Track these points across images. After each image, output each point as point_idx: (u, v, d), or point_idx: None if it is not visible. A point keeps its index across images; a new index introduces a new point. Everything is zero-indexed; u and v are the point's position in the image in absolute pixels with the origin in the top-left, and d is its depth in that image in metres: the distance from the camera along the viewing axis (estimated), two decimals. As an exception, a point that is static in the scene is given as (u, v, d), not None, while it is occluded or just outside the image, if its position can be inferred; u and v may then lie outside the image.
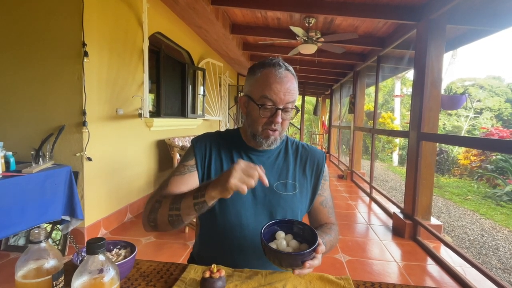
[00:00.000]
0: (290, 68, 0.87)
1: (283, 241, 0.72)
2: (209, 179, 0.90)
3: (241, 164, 0.67)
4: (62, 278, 0.58)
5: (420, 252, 2.64)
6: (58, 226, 2.19)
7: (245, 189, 0.65)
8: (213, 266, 0.68)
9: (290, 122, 0.95)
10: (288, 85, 0.83)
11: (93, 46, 2.35)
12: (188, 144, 4.02)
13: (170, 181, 0.87)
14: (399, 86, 13.73)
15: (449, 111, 15.40)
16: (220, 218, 0.89)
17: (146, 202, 0.85)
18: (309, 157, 0.98)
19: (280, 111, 0.83)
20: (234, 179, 0.64)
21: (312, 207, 0.98)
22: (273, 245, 0.71)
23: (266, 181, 0.69)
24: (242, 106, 0.92)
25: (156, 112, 3.71)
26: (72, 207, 2.06)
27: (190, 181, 0.89)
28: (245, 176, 0.65)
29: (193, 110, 4.80)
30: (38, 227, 0.68)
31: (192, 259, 1.01)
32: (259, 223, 0.88)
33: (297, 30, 3.53)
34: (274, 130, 0.86)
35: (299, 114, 10.61)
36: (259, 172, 0.67)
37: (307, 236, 0.74)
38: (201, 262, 0.92)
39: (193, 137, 0.99)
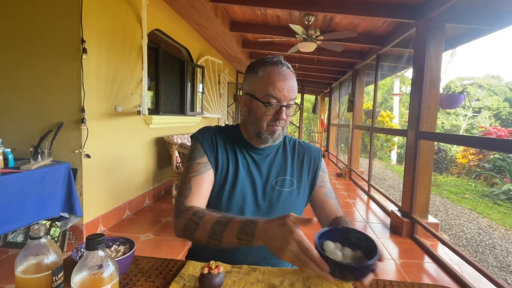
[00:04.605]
0: (290, 66, 0.90)
1: (338, 252, 0.65)
2: (216, 171, 0.90)
3: (297, 237, 0.58)
4: (62, 273, 0.59)
5: (418, 250, 2.65)
6: (56, 223, 2.19)
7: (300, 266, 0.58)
8: (211, 262, 0.68)
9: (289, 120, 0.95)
10: (290, 83, 0.86)
11: (92, 43, 2.34)
12: (187, 142, 4.02)
13: (191, 183, 0.85)
14: (398, 84, 13.74)
15: (448, 110, 15.43)
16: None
17: (175, 211, 0.82)
18: (306, 153, 1.00)
19: (284, 108, 0.86)
20: (291, 253, 0.58)
21: (316, 201, 0.99)
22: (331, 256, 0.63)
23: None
24: (243, 104, 0.92)
25: (155, 110, 3.70)
26: (71, 204, 2.06)
27: (208, 179, 0.88)
28: (301, 253, 0.57)
29: (192, 108, 4.80)
30: (37, 223, 0.69)
31: (191, 255, 1.01)
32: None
33: (297, 28, 3.52)
34: (279, 126, 0.88)
35: (298, 112, 10.61)
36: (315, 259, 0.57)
37: (354, 240, 0.68)
38: (201, 257, 0.93)
39: (192, 133, 0.98)
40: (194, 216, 0.76)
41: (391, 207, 3.60)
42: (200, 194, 0.85)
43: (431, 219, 2.95)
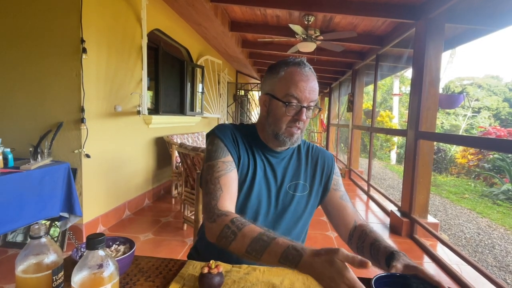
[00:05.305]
0: (312, 68, 0.88)
1: None
2: (237, 168, 0.88)
3: (348, 281, 0.53)
4: (62, 273, 0.59)
5: (417, 250, 2.66)
6: (56, 223, 2.19)
7: None
8: (211, 262, 0.69)
9: None
10: (312, 84, 0.85)
11: (92, 42, 2.34)
12: (186, 142, 4.02)
13: (220, 183, 0.81)
14: (398, 84, 13.76)
15: (448, 110, 15.45)
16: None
17: (208, 213, 0.78)
18: (319, 158, 0.99)
19: (304, 109, 0.84)
20: None
21: (332, 205, 0.97)
22: None
23: None
24: (262, 105, 0.91)
25: (155, 109, 3.70)
26: (71, 204, 2.06)
27: (235, 178, 0.86)
28: None
29: (192, 108, 4.80)
30: (37, 223, 0.69)
31: (193, 254, 1.00)
32: (270, 221, 0.90)
33: (296, 28, 3.53)
34: (298, 128, 0.86)
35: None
36: None
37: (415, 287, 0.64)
38: (204, 256, 0.93)
39: (210, 131, 0.93)
40: (231, 224, 0.71)
41: (390, 207, 3.60)
42: (231, 195, 0.82)
43: (430, 219, 2.95)
